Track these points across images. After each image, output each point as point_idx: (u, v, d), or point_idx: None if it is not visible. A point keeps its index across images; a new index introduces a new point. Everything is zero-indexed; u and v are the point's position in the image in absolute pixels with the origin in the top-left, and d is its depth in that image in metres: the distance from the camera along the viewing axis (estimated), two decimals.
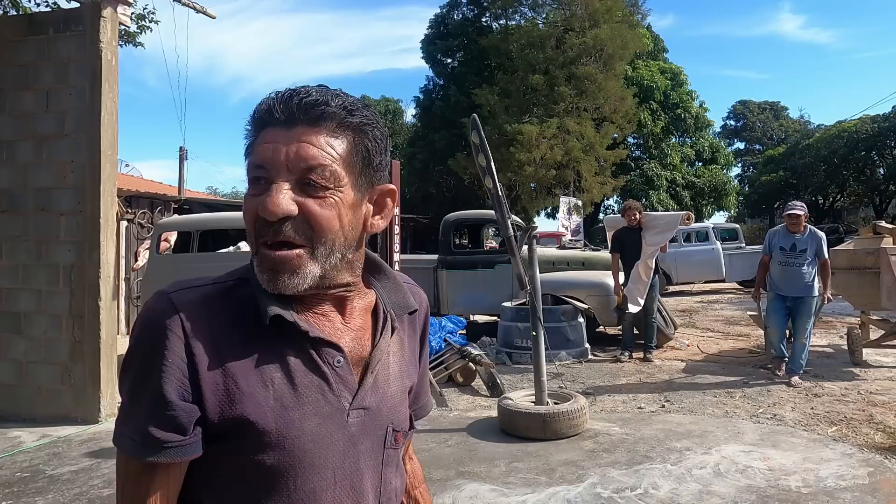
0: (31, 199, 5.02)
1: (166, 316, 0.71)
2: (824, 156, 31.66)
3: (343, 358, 0.77)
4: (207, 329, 0.72)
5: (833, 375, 5.82)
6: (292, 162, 0.72)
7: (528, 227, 4.75)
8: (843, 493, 3.20)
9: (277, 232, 0.72)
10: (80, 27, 4.91)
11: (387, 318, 0.83)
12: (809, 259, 5.52)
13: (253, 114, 0.76)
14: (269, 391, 0.72)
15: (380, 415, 0.80)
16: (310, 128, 0.73)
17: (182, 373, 0.70)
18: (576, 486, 3.38)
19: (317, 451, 0.73)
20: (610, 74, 19.76)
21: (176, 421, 0.70)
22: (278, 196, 0.71)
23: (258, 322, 0.73)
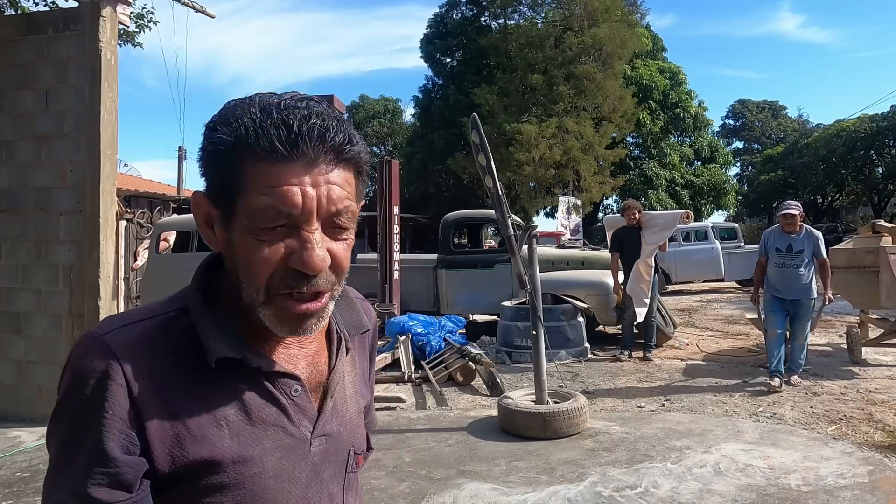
0: (31, 198, 5.01)
1: (102, 361, 0.64)
2: (823, 155, 31.68)
3: (300, 386, 0.73)
4: (148, 371, 0.66)
5: (832, 374, 5.83)
6: (323, 206, 0.65)
7: (528, 227, 4.76)
8: (842, 491, 3.20)
9: (313, 285, 0.66)
10: (80, 27, 4.90)
11: (341, 339, 0.79)
12: (807, 260, 5.37)
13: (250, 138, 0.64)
14: (223, 430, 0.67)
15: (341, 440, 0.77)
16: (333, 167, 0.67)
17: (125, 423, 0.63)
18: (576, 484, 3.38)
19: (279, 486, 0.70)
20: (609, 74, 19.77)
21: (120, 478, 0.63)
22: (318, 247, 0.65)
23: (205, 358, 0.68)
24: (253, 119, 0.65)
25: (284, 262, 0.65)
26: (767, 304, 5.55)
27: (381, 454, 3.92)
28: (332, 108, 0.70)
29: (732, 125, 49.46)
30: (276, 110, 0.65)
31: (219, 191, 0.67)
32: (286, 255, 0.65)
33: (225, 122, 0.66)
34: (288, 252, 0.65)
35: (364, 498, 1.03)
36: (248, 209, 0.65)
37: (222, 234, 0.69)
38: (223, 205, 0.67)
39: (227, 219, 0.67)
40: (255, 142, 0.64)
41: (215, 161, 0.67)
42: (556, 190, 19.63)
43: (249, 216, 0.65)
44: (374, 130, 34.66)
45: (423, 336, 6.49)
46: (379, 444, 4.12)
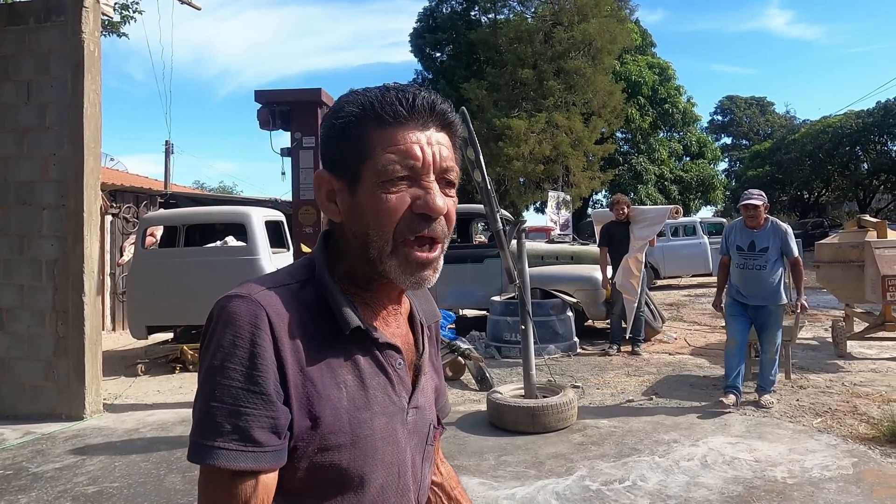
0: (13, 192, 4.93)
1: (256, 316, 0.71)
2: (809, 151, 31.95)
3: (402, 360, 0.81)
4: (289, 331, 0.72)
5: (818, 367, 5.89)
6: (437, 161, 0.76)
7: (517, 222, 4.75)
8: (827, 483, 3.24)
9: (432, 229, 0.75)
10: (62, 17, 4.82)
11: (423, 325, 0.88)
12: (773, 258, 4.59)
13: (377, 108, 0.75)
14: (342, 392, 0.74)
15: (425, 414, 0.85)
16: (441, 131, 0.78)
17: (276, 375, 0.70)
18: (564, 478, 3.39)
19: (385, 448, 0.77)
20: (598, 69, 19.80)
21: (276, 422, 0.69)
22: (439, 193, 0.76)
23: (328, 326, 0.75)
24: (374, 96, 0.76)
25: (409, 209, 0.74)
26: (727, 307, 4.82)
27: None
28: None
29: (721, 121, 49.77)
30: (391, 90, 0.77)
31: (345, 162, 0.77)
32: (412, 202, 0.74)
33: (348, 103, 0.78)
34: (413, 199, 0.75)
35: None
36: (377, 167, 0.74)
37: (346, 202, 0.77)
38: (349, 173, 0.76)
39: (354, 184, 0.76)
40: (382, 109, 0.75)
41: (343, 135, 0.77)
42: (546, 185, 19.66)
43: (378, 173, 0.74)
44: None
45: None
46: None
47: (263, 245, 6.72)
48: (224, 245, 7.14)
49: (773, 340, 4.67)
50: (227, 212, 7.92)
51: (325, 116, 0.81)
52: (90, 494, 3.34)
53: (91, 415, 4.75)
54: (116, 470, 3.70)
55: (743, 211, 4.71)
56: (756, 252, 4.63)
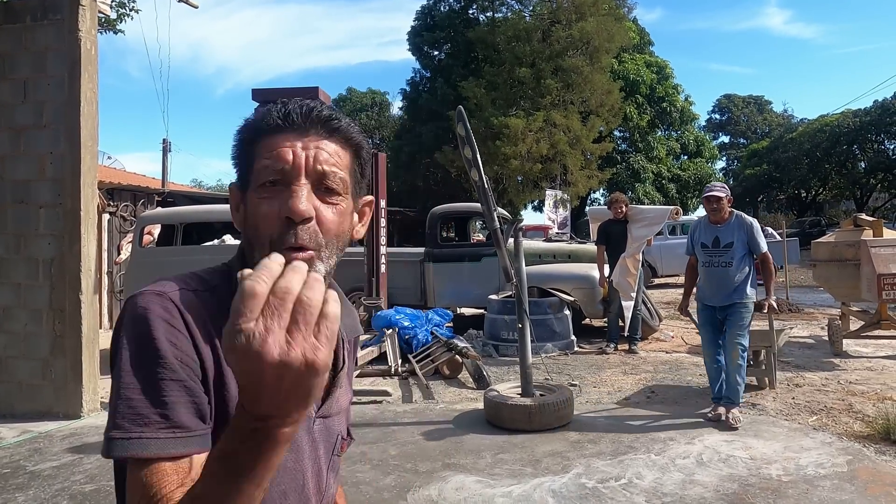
0: (9, 191, 4.92)
1: (171, 312, 0.71)
2: (807, 150, 31.99)
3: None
4: (204, 331, 0.73)
5: (814, 366, 5.91)
6: (310, 165, 0.76)
7: (514, 220, 4.76)
8: (822, 480, 3.25)
9: (299, 234, 0.74)
10: (59, 15, 4.81)
11: (343, 339, 0.88)
12: (739, 254, 4.28)
13: (257, 120, 0.79)
14: None
15: (334, 425, 0.86)
16: (323, 138, 0.78)
17: (195, 369, 0.71)
18: (561, 476, 3.40)
19: (289, 455, 0.76)
20: (596, 67, 19.80)
21: (200, 408, 0.70)
22: (304, 196, 0.74)
23: None
24: (264, 111, 0.80)
25: (279, 215, 0.74)
26: (699, 315, 4.56)
27: (367, 447, 3.92)
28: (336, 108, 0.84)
29: (718, 120, 49.81)
30: (279, 102, 0.80)
31: (239, 173, 0.81)
32: (279, 208, 0.74)
33: (246, 120, 0.82)
34: (280, 205, 0.74)
35: (350, 491, 1.10)
36: (256, 174, 0.77)
37: (242, 212, 0.80)
38: (243, 183, 0.80)
39: (245, 193, 0.79)
40: (262, 121, 0.79)
41: (236, 148, 0.81)
42: (544, 184, 19.66)
43: (255, 179, 0.77)
44: (362, 123, 34.43)
45: (410, 329, 6.48)
46: (365, 437, 4.12)
47: None
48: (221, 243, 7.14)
49: (734, 342, 4.24)
50: (225, 210, 7.91)
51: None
52: (88, 493, 3.34)
53: (88, 413, 4.75)
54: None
55: (705, 205, 4.40)
56: (721, 248, 4.32)
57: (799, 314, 9.28)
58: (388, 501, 3.14)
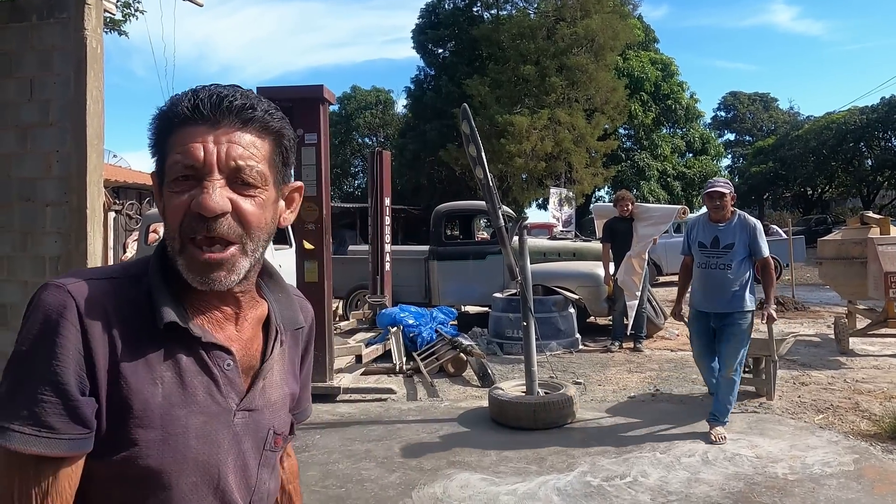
0: (16, 189, 4.93)
1: (63, 306, 0.71)
2: (813, 147, 31.82)
3: (233, 361, 0.79)
4: (102, 323, 0.72)
5: (820, 364, 5.89)
6: (223, 160, 0.74)
7: (519, 218, 4.76)
8: (828, 479, 3.24)
9: (211, 229, 0.73)
10: (65, 14, 4.81)
11: (277, 331, 0.86)
12: (739, 257, 3.95)
13: (168, 110, 0.76)
14: (157, 389, 0.73)
15: (262, 418, 0.83)
16: (237, 129, 0.76)
17: (79, 365, 0.70)
18: (566, 474, 3.40)
19: (200, 447, 0.75)
20: (601, 65, 19.76)
21: (78, 412, 0.69)
22: (216, 192, 0.73)
23: (151, 322, 0.74)
24: (175, 99, 0.77)
25: (189, 210, 0.73)
26: (690, 321, 4.24)
27: (372, 445, 3.93)
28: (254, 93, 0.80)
29: (724, 117, 49.59)
30: (191, 90, 0.77)
31: (157, 162, 0.79)
32: (189, 201, 0.73)
33: (159, 109, 0.78)
34: (191, 199, 0.73)
35: (355, 488, 1.07)
36: (167, 168, 0.76)
37: (160, 203, 0.79)
38: (160, 175, 0.78)
39: (161, 185, 0.78)
40: (171, 112, 0.76)
41: (152, 139, 0.79)
42: (548, 182, 19.64)
43: (167, 173, 0.76)
44: (366, 121, 34.46)
45: (415, 327, 6.48)
46: (370, 434, 4.13)
47: None
48: None
49: (732, 356, 3.93)
50: None
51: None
52: None
53: None
54: None
55: (707, 201, 4.08)
56: (720, 249, 4.00)
57: (804, 312, 9.24)
58: (393, 499, 3.14)
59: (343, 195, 33.61)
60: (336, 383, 5.05)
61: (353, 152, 35.51)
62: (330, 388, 4.98)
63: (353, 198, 31.21)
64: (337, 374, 5.24)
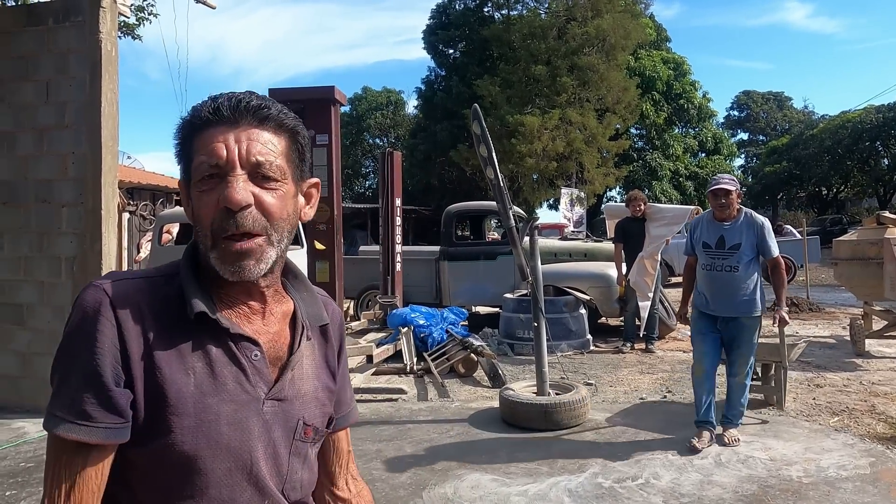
0: (32, 190, 5.01)
1: (100, 304, 0.77)
2: (828, 146, 31.46)
3: (260, 352, 0.83)
4: (137, 318, 0.77)
5: (835, 366, 5.82)
6: (244, 156, 0.79)
7: (530, 218, 4.74)
8: (844, 483, 3.20)
9: (239, 224, 0.78)
10: (80, 17, 4.88)
11: (304, 326, 0.90)
12: (747, 258, 3.76)
13: (191, 116, 0.82)
14: (190, 378, 0.78)
15: (292, 408, 0.86)
16: (255, 128, 0.81)
17: (115, 358, 0.75)
18: (577, 476, 3.39)
19: (232, 434, 0.79)
20: (612, 65, 19.67)
21: (112, 402, 0.75)
22: (240, 186, 0.78)
23: (183, 316, 0.79)
24: (196, 107, 0.83)
25: (217, 206, 0.78)
26: (693, 322, 4.02)
27: (383, 445, 3.94)
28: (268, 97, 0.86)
29: (737, 116, 49.18)
30: (211, 97, 0.83)
31: (183, 168, 0.84)
32: (217, 199, 0.78)
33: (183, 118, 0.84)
34: (218, 195, 0.78)
35: (367, 488, 1.08)
36: (193, 170, 0.80)
37: (189, 205, 0.83)
38: (187, 178, 0.83)
39: (189, 188, 0.82)
40: (195, 117, 0.82)
41: (178, 145, 0.84)
42: (559, 182, 19.58)
43: (194, 174, 0.80)
44: (377, 122, 34.56)
45: (426, 328, 6.49)
46: (380, 434, 4.14)
47: None
48: None
49: (744, 361, 3.82)
50: None
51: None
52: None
53: None
54: None
55: (711, 199, 3.85)
56: (726, 250, 3.78)
57: (819, 313, 9.13)
58: (404, 499, 3.15)
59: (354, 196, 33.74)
60: None
61: (364, 153, 35.63)
62: None
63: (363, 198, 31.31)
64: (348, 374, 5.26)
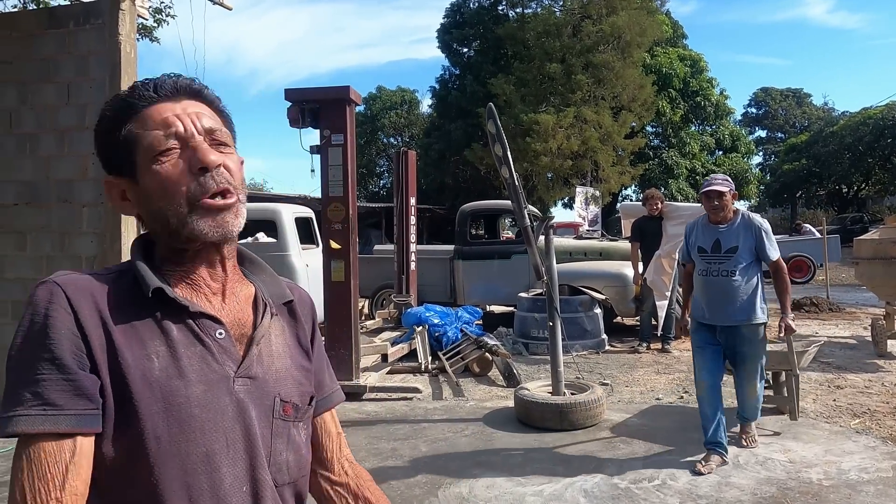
0: (54, 190, 5.10)
1: (52, 294, 0.75)
2: (849, 143, 30.94)
3: (224, 331, 0.82)
4: (92, 307, 0.76)
5: (856, 367, 5.73)
6: (198, 125, 0.82)
7: (545, 218, 4.73)
8: (865, 486, 3.15)
9: (218, 180, 0.80)
10: (100, 20, 4.95)
11: (266, 305, 0.89)
12: (745, 262, 3.50)
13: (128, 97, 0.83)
14: (153, 363, 0.75)
15: (266, 385, 0.83)
16: (193, 101, 0.85)
17: (75, 345, 0.73)
18: (593, 476, 3.37)
19: (205, 415, 0.76)
20: (628, 62, 19.51)
21: (80, 386, 0.71)
22: (208, 147, 0.81)
23: (139, 302, 0.78)
24: (125, 94, 0.84)
25: (189, 171, 0.80)
26: (692, 335, 3.80)
27: (398, 444, 3.95)
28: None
29: (755, 113, 48.53)
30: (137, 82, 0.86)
31: (120, 159, 0.82)
32: (187, 164, 0.80)
33: (104, 110, 0.85)
34: (188, 162, 0.80)
35: (382, 487, 1.07)
36: (147, 147, 0.80)
37: (136, 193, 0.83)
38: (127, 166, 0.82)
39: (134, 174, 0.82)
40: (131, 98, 0.83)
41: (109, 136, 0.83)
42: (574, 180, 19.48)
43: (149, 151, 0.80)
44: (391, 121, 34.62)
45: (440, 327, 6.50)
46: (395, 433, 4.15)
47: (293, 241, 6.82)
48: (255, 241, 7.26)
49: (752, 376, 3.55)
50: (258, 208, 8.05)
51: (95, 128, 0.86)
52: None
53: None
54: None
55: (704, 202, 3.63)
56: (722, 254, 3.53)
57: (840, 314, 8.99)
58: (420, 498, 3.16)
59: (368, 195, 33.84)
60: (363, 382, 5.09)
61: (379, 152, 35.72)
62: (356, 386, 5.02)
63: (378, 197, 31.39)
64: (363, 373, 5.28)
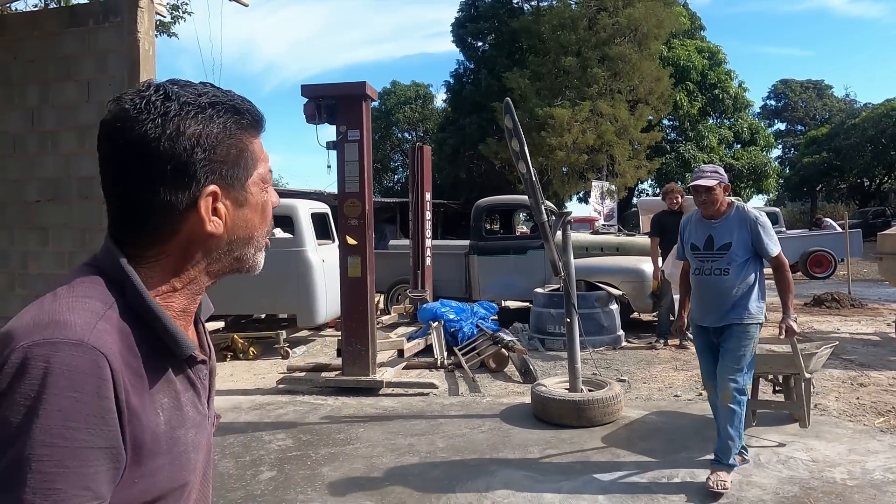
0: (75, 187, 5.17)
1: (100, 367, 0.65)
2: (871, 136, 30.35)
3: (208, 371, 0.83)
4: (122, 368, 0.68)
5: (880, 364, 5.62)
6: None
7: (563, 213, 4.69)
8: (891, 486, 3.10)
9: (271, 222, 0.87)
10: (119, 18, 4.99)
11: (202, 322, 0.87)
12: (740, 259, 3.23)
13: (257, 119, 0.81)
14: (160, 417, 0.72)
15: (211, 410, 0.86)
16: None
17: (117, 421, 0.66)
18: (611, 473, 3.35)
19: (196, 456, 0.79)
20: (645, 55, 19.28)
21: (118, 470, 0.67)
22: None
23: (146, 350, 0.72)
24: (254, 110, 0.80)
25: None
26: (694, 338, 3.68)
27: (415, 439, 3.96)
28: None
29: (774, 106, 47.75)
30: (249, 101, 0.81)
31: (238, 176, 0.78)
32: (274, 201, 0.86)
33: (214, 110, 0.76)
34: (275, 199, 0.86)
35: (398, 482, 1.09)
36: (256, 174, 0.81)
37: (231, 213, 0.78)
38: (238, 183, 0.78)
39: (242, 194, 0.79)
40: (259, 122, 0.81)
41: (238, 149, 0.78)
42: (590, 175, 19.34)
43: (263, 177, 0.82)
44: (406, 116, 34.61)
45: (456, 322, 6.49)
46: (412, 429, 4.16)
47: (310, 237, 6.85)
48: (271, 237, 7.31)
49: (725, 377, 3.20)
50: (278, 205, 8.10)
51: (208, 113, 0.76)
52: None
53: None
54: None
55: (694, 196, 3.38)
56: (715, 251, 3.27)
57: (862, 310, 8.84)
58: (437, 494, 3.16)
59: (383, 190, 33.91)
60: (379, 377, 5.11)
61: (393, 147, 35.75)
62: (373, 381, 5.04)
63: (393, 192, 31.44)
64: (379, 368, 5.30)
